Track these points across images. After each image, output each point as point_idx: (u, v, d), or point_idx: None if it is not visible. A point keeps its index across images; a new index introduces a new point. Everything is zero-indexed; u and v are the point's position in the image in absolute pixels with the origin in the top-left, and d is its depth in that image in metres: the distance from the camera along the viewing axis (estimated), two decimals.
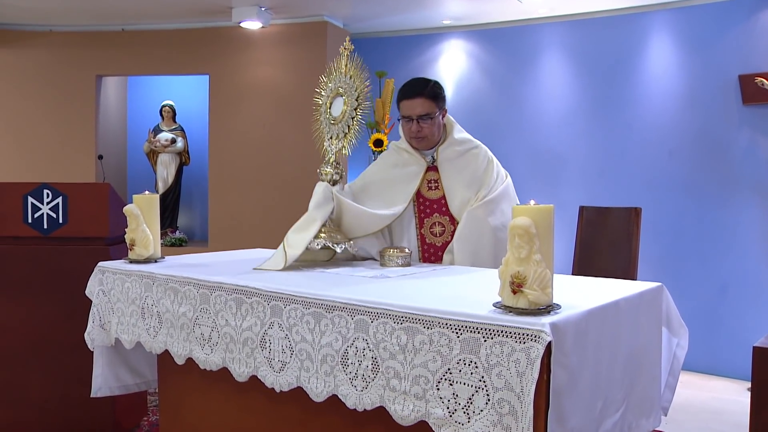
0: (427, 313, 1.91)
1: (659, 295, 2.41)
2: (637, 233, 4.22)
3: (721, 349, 5.55)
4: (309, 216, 2.87)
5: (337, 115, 2.89)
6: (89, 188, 3.89)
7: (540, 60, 6.46)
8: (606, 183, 6.07)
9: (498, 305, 1.86)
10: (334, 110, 2.92)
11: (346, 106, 2.86)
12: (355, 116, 2.84)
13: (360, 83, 2.87)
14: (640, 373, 2.28)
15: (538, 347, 1.71)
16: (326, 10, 6.53)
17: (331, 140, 2.92)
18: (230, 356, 2.46)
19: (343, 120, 2.86)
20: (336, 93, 2.94)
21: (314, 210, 2.88)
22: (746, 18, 5.47)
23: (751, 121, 5.47)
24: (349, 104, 2.86)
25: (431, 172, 3.15)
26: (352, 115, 2.84)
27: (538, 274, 1.78)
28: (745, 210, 5.52)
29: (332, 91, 2.95)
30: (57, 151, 7.10)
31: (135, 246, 2.98)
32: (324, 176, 2.95)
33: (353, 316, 2.07)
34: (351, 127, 2.84)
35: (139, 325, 2.84)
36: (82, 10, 6.52)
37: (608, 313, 2.05)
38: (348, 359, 2.08)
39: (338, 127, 2.89)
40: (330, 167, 2.94)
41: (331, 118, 2.92)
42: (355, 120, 2.84)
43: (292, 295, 2.25)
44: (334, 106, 2.93)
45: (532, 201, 1.86)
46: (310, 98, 6.71)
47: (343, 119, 2.86)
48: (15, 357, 3.83)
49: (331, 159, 2.94)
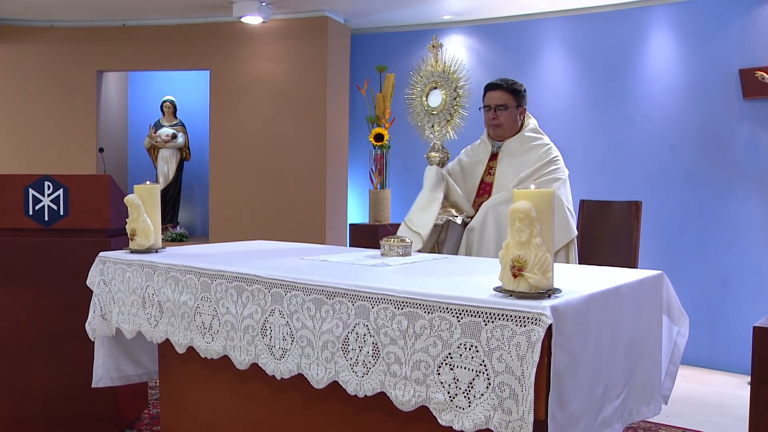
0: (427, 298, 1.91)
1: (660, 283, 2.42)
2: (638, 227, 4.22)
3: (722, 343, 5.55)
4: (428, 197, 3.23)
5: (436, 105, 3.20)
6: (90, 180, 3.88)
7: (541, 55, 6.46)
8: (607, 177, 6.07)
9: (498, 289, 1.86)
10: (432, 101, 3.22)
11: (446, 97, 3.16)
12: (455, 104, 3.15)
13: (455, 75, 3.17)
14: (640, 360, 2.28)
15: (538, 330, 1.71)
16: (327, 5, 6.52)
17: (433, 128, 3.23)
18: (231, 344, 2.47)
19: (444, 109, 3.17)
20: (431, 86, 3.23)
21: (432, 191, 3.24)
22: (747, 12, 5.47)
23: (751, 115, 5.47)
24: (448, 94, 3.15)
25: (493, 160, 3.50)
26: (453, 103, 3.15)
27: (539, 258, 1.79)
28: (746, 203, 5.52)
29: (426, 85, 3.25)
30: (58, 147, 7.11)
31: (136, 236, 2.99)
32: (433, 160, 3.30)
33: (354, 302, 2.07)
34: (453, 114, 3.16)
35: (140, 315, 2.84)
36: (82, 6, 6.52)
37: (609, 299, 2.05)
38: (349, 345, 2.09)
39: (440, 116, 3.19)
40: (436, 152, 3.28)
41: (430, 109, 3.22)
42: (456, 107, 3.16)
43: (293, 282, 2.26)
44: (431, 98, 3.23)
45: (533, 185, 1.86)
46: (311, 93, 6.79)
47: (444, 108, 3.17)
48: (17, 348, 3.83)
49: (436, 145, 3.27)
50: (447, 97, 3.16)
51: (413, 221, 3.20)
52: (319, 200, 6.65)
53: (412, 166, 7.05)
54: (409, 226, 3.19)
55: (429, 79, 3.23)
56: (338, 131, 6.86)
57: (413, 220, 3.21)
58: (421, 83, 3.27)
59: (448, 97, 3.16)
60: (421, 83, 3.27)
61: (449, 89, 3.16)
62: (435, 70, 3.22)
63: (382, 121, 5.73)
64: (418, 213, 3.22)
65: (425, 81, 3.25)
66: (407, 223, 3.23)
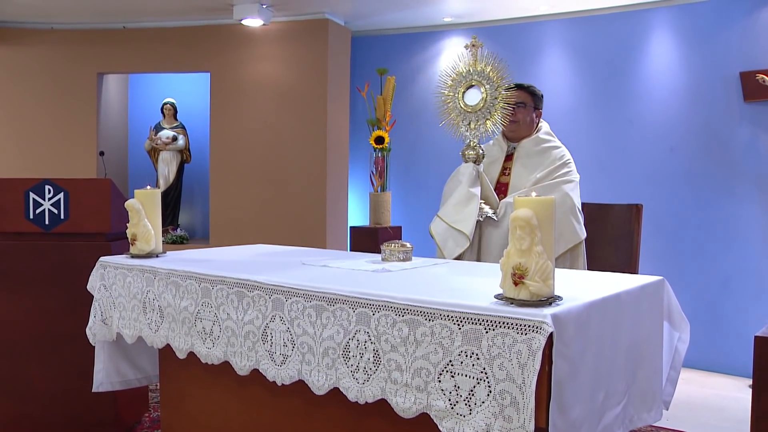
0: (428, 305, 1.91)
1: (660, 289, 2.42)
2: (638, 230, 4.22)
3: (722, 345, 5.55)
4: (466, 193, 3.23)
5: (474, 103, 3.23)
6: (91, 184, 3.88)
7: (541, 57, 6.46)
8: (607, 178, 6.07)
9: (499, 297, 1.86)
10: (469, 100, 3.25)
11: (485, 95, 3.20)
12: (496, 103, 3.19)
13: (495, 72, 3.22)
14: (641, 366, 2.28)
15: (539, 338, 1.71)
16: (327, 8, 6.52)
17: (470, 126, 3.26)
18: (232, 350, 2.47)
19: (484, 107, 3.21)
20: (468, 84, 3.27)
21: (470, 188, 3.24)
22: (747, 15, 5.47)
23: (752, 118, 5.47)
24: (489, 93, 3.20)
25: (508, 161, 3.56)
26: (493, 102, 3.19)
27: (540, 266, 1.78)
28: (746, 206, 5.52)
29: (463, 84, 3.28)
30: (58, 150, 7.11)
31: (136, 241, 2.99)
32: (468, 158, 3.32)
33: (355, 309, 2.07)
34: (493, 112, 3.20)
35: (140, 320, 2.84)
36: (83, 8, 6.53)
37: (609, 305, 2.05)
38: (349, 352, 2.08)
39: (477, 114, 3.23)
40: (472, 150, 3.31)
41: (467, 107, 3.25)
42: (497, 105, 3.19)
43: (294, 289, 2.26)
44: (467, 97, 3.26)
45: (534, 193, 1.86)
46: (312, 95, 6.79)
47: (484, 106, 3.21)
48: (17, 351, 3.83)
49: (472, 143, 3.30)
50: (487, 95, 3.20)
51: (455, 220, 3.20)
52: (320, 202, 6.65)
53: (412, 169, 7.07)
54: (452, 225, 3.20)
55: (466, 77, 3.26)
56: (339, 133, 6.86)
57: (455, 219, 3.21)
58: (457, 81, 3.29)
59: (488, 96, 3.20)
60: (457, 81, 3.30)
61: (490, 88, 3.19)
62: (473, 69, 3.26)
63: (382, 123, 5.73)
64: (457, 212, 3.22)
65: (462, 79, 3.28)
66: (448, 222, 3.23)
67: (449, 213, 3.24)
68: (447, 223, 3.23)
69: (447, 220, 3.23)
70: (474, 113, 3.23)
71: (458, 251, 3.16)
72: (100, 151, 7.07)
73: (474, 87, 3.24)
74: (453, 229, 3.19)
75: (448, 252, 3.18)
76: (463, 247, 3.15)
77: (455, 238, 3.18)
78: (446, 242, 3.20)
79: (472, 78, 3.25)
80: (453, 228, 3.19)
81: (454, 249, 3.17)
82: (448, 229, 3.20)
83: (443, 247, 3.21)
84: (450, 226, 3.20)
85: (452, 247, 3.18)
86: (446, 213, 3.27)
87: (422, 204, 6.91)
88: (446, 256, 3.18)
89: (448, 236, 3.20)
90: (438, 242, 3.25)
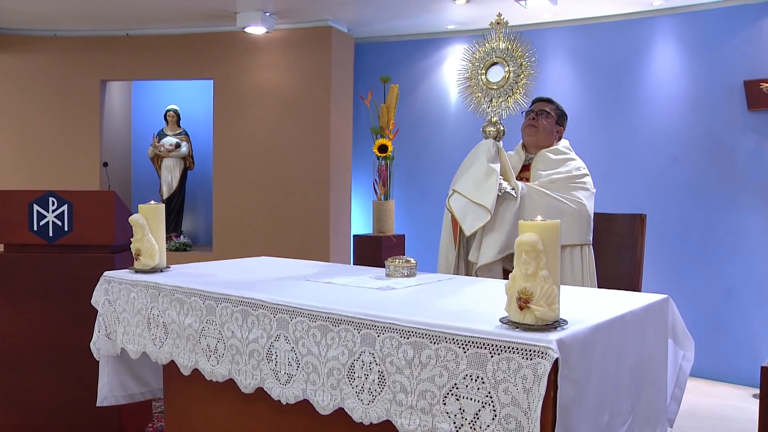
0: (433, 328, 1.91)
1: (665, 307, 2.42)
2: (642, 240, 4.21)
3: (726, 355, 5.54)
4: (486, 168, 3.19)
5: (497, 80, 3.22)
6: (94, 196, 3.90)
7: (545, 64, 6.45)
8: (611, 187, 6.06)
9: (505, 321, 1.86)
10: (492, 77, 3.24)
11: (509, 72, 3.18)
12: (519, 80, 3.17)
13: (519, 50, 3.19)
14: (646, 385, 2.28)
15: (545, 364, 1.71)
16: (330, 15, 6.53)
17: (491, 102, 3.24)
18: (236, 368, 2.47)
19: (507, 84, 3.19)
20: (491, 62, 3.25)
21: (489, 163, 3.20)
22: (752, 24, 5.46)
23: (756, 127, 5.46)
24: (512, 71, 3.18)
25: (525, 171, 3.58)
26: (516, 79, 3.18)
27: (545, 291, 1.78)
28: (750, 215, 5.51)
29: (486, 61, 3.26)
30: (61, 156, 7.12)
31: (141, 256, 2.99)
32: (489, 134, 3.29)
33: (360, 330, 2.07)
34: (515, 90, 3.18)
35: (144, 336, 2.84)
36: (86, 15, 6.53)
37: (614, 327, 2.05)
38: (354, 373, 2.08)
39: (499, 91, 3.21)
40: (492, 126, 3.28)
41: (490, 84, 3.24)
42: (520, 82, 3.18)
43: (298, 308, 2.25)
44: (490, 74, 3.25)
45: (539, 216, 1.86)
46: (315, 102, 6.79)
47: (506, 83, 3.19)
48: (21, 362, 3.85)
49: (493, 119, 3.27)
50: (510, 73, 3.18)
51: (475, 195, 3.16)
52: (323, 210, 6.65)
53: (415, 177, 7.07)
54: (472, 199, 3.15)
55: (490, 54, 3.25)
56: (342, 141, 6.87)
57: (475, 194, 3.16)
58: (479, 59, 3.28)
59: (511, 73, 3.18)
60: (478, 59, 3.28)
61: (514, 65, 3.18)
62: (497, 47, 3.24)
63: (386, 132, 5.73)
64: (477, 186, 3.17)
65: (485, 56, 3.26)
66: (467, 196, 3.18)
67: (468, 188, 3.19)
68: (467, 198, 3.17)
69: (467, 195, 3.18)
70: (496, 90, 3.23)
71: (478, 225, 3.12)
72: (104, 162, 7.08)
73: (497, 64, 3.23)
74: (473, 204, 3.14)
75: (468, 226, 3.14)
76: (483, 221, 3.10)
77: (475, 213, 3.13)
78: (465, 217, 3.15)
79: (495, 55, 3.24)
80: (473, 202, 3.15)
81: (474, 223, 3.13)
82: (468, 204, 3.16)
83: (462, 222, 3.16)
84: (470, 201, 3.16)
85: (471, 221, 3.13)
86: (465, 188, 3.21)
87: (426, 212, 6.91)
88: (465, 230, 3.15)
89: (467, 211, 3.16)
90: (457, 217, 3.19)
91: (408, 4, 6.09)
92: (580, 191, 3.37)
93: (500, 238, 3.16)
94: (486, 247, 3.17)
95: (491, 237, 3.17)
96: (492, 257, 3.15)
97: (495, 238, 3.16)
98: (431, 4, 6.09)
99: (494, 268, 3.22)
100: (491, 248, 3.16)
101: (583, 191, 3.39)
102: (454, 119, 6.95)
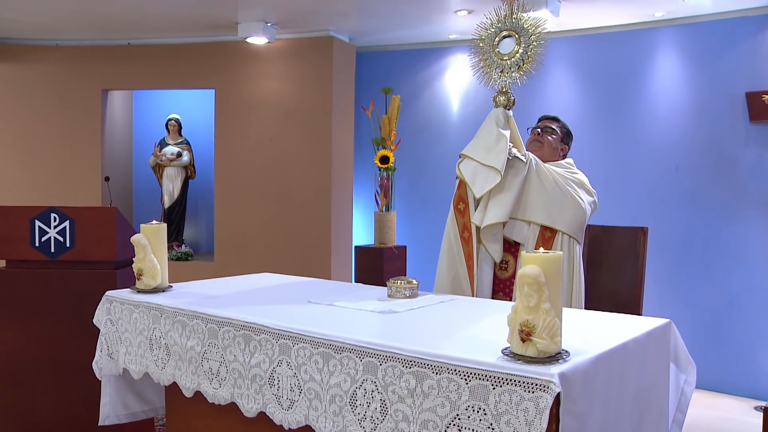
0: (435, 359, 1.91)
1: (667, 332, 2.42)
2: (644, 253, 4.21)
3: (728, 367, 5.53)
4: (497, 133, 3.26)
5: (508, 51, 3.27)
6: (96, 212, 3.90)
7: (547, 74, 6.45)
8: (612, 197, 6.06)
9: (507, 352, 1.86)
10: (503, 48, 3.30)
11: (520, 44, 3.23)
12: (530, 52, 3.23)
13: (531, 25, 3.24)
14: (648, 411, 2.28)
15: (546, 397, 1.71)
16: (332, 25, 6.53)
17: (502, 73, 3.30)
18: (239, 392, 2.47)
19: (517, 55, 3.24)
20: (504, 34, 3.30)
21: (499, 129, 3.27)
22: (753, 35, 5.46)
23: (757, 139, 5.46)
24: (523, 42, 3.23)
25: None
26: (527, 51, 3.23)
27: (547, 323, 1.79)
28: (752, 226, 5.51)
29: (497, 34, 3.31)
30: (63, 165, 7.12)
31: (143, 276, 2.99)
32: (499, 103, 3.34)
33: (362, 358, 2.07)
34: (526, 61, 3.24)
35: (147, 356, 2.84)
36: (87, 25, 6.54)
37: (616, 356, 2.05)
38: (357, 400, 2.09)
39: (510, 62, 3.26)
40: (502, 95, 3.33)
41: (501, 55, 3.29)
42: (530, 55, 3.23)
43: (301, 334, 2.26)
44: (501, 45, 3.30)
45: (541, 248, 1.86)
46: (316, 112, 6.80)
47: (516, 56, 3.24)
48: (23, 378, 3.85)
49: (504, 88, 3.33)
50: (520, 47, 3.24)
51: (485, 158, 3.23)
52: (324, 220, 6.65)
53: (417, 187, 7.07)
54: (481, 161, 3.22)
55: (503, 26, 3.30)
56: (343, 150, 6.87)
57: (485, 157, 3.23)
58: (491, 32, 3.32)
59: (521, 47, 3.23)
60: (490, 32, 3.33)
61: (525, 37, 3.23)
62: (509, 20, 3.29)
63: (387, 143, 5.72)
64: (487, 149, 3.24)
65: (498, 27, 3.31)
66: (477, 159, 3.25)
67: (478, 152, 3.27)
68: (477, 161, 3.25)
69: (477, 158, 3.25)
70: (506, 61, 3.28)
71: (488, 186, 3.18)
72: (106, 177, 7.08)
73: (509, 37, 3.27)
74: (483, 166, 3.22)
75: (478, 188, 3.21)
76: (494, 182, 3.16)
77: (486, 174, 3.20)
78: (475, 179, 3.23)
79: (508, 27, 3.29)
80: (483, 165, 3.22)
81: (484, 184, 3.19)
82: (477, 167, 3.24)
83: (472, 185, 3.23)
84: (480, 163, 3.23)
85: (482, 183, 3.20)
86: (475, 152, 3.28)
87: (427, 222, 6.91)
88: (475, 192, 3.22)
89: (477, 173, 3.23)
90: (467, 180, 3.26)
91: (410, 15, 6.09)
92: (584, 193, 3.41)
93: (508, 200, 3.22)
94: (493, 206, 3.22)
95: (499, 197, 3.22)
96: (499, 217, 3.19)
97: (502, 199, 3.22)
98: (433, 15, 6.09)
99: (497, 234, 3.27)
100: (499, 208, 3.21)
101: (586, 195, 3.43)
102: (455, 129, 6.95)
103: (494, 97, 3.36)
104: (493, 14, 3.33)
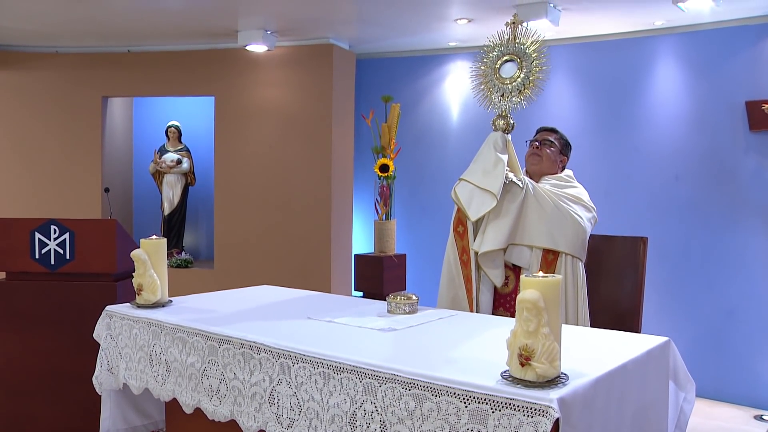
0: (435, 381, 1.92)
1: (666, 350, 2.42)
2: (644, 263, 4.21)
3: (727, 375, 5.53)
4: (494, 157, 3.25)
5: (509, 76, 3.27)
6: (96, 225, 3.91)
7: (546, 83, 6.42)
8: (611, 206, 6.06)
9: (506, 376, 1.87)
10: (504, 72, 3.29)
11: (522, 69, 3.23)
12: (531, 77, 3.23)
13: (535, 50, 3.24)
14: (647, 430, 2.28)
15: (545, 422, 1.72)
16: (332, 33, 6.53)
17: (502, 97, 3.30)
18: (239, 409, 2.47)
19: (518, 80, 3.24)
20: (506, 58, 3.30)
21: (498, 153, 3.27)
22: (753, 44, 5.47)
23: (757, 148, 5.46)
24: (525, 67, 3.23)
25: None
26: (529, 76, 3.23)
27: (546, 348, 1.79)
28: (751, 235, 5.51)
29: (499, 57, 3.31)
30: (63, 172, 7.12)
31: (142, 291, 3.00)
32: (498, 126, 3.34)
33: (361, 379, 2.08)
34: (527, 86, 3.24)
35: (147, 372, 2.85)
36: (87, 32, 6.54)
37: (616, 377, 2.05)
38: (356, 421, 2.09)
39: (511, 86, 3.26)
40: (502, 119, 3.32)
41: (502, 79, 3.30)
42: (531, 80, 3.23)
43: (300, 354, 2.26)
44: (503, 69, 3.29)
45: (540, 272, 1.86)
46: (316, 120, 6.80)
47: (518, 80, 3.24)
48: (23, 390, 3.86)
49: (504, 112, 3.33)
50: (521, 72, 3.24)
51: (482, 181, 3.23)
52: (324, 228, 6.65)
53: (417, 195, 7.07)
54: (478, 185, 3.22)
55: (506, 49, 3.30)
56: (343, 157, 6.87)
57: (482, 181, 3.23)
58: (493, 55, 3.33)
59: (523, 71, 3.23)
60: (492, 56, 3.33)
61: (526, 63, 3.23)
62: (512, 44, 3.30)
63: (387, 151, 5.72)
64: (484, 173, 3.24)
65: (501, 51, 3.31)
66: (474, 183, 3.25)
67: (476, 175, 3.27)
68: (473, 184, 3.24)
69: (473, 182, 3.25)
70: (507, 86, 3.27)
71: (484, 210, 3.17)
72: (105, 188, 7.08)
73: (511, 61, 3.28)
74: (479, 189, 3.21)
75: (473, 212, 3.19)
76: (489, 206, 3.15)
77: (481, 198, 3.19)
78: (471, 203, 3.22)
79: (511, 51, 3.29)
80: (479, 188, 3.22)
81: (480, 208, 3.18)
82: (474, 190, 3.23)
83: (467, 208, 3.22)
84: (476, 187, 3.23)
85: (477, 207, 3.19)
86: (472, 176, 3.28)
87: (427, 230, 6.91)
88: (470, 216, 3.20)
89: (473, 196, 3.22)
90: (462, 204, 3.25)
91: (410, 23, 6.09)
92: (582, 209, 3.39)
93: (505, 226, 3.21)
94: (490, 233, 3.21)
95: (495, 223, 3.22)
96: (496, 244, 3.18)
97: (499, 225, 3.21)
98: (432, 23, 6.09)
99: (497, 259, 3.25)
100: (496, 234, 3.20)
101: (585, 211, 3.41)
102: (455, 136, 6.95)
103: (493, 120, 3.36)
104: (495, 37, 3.33)
